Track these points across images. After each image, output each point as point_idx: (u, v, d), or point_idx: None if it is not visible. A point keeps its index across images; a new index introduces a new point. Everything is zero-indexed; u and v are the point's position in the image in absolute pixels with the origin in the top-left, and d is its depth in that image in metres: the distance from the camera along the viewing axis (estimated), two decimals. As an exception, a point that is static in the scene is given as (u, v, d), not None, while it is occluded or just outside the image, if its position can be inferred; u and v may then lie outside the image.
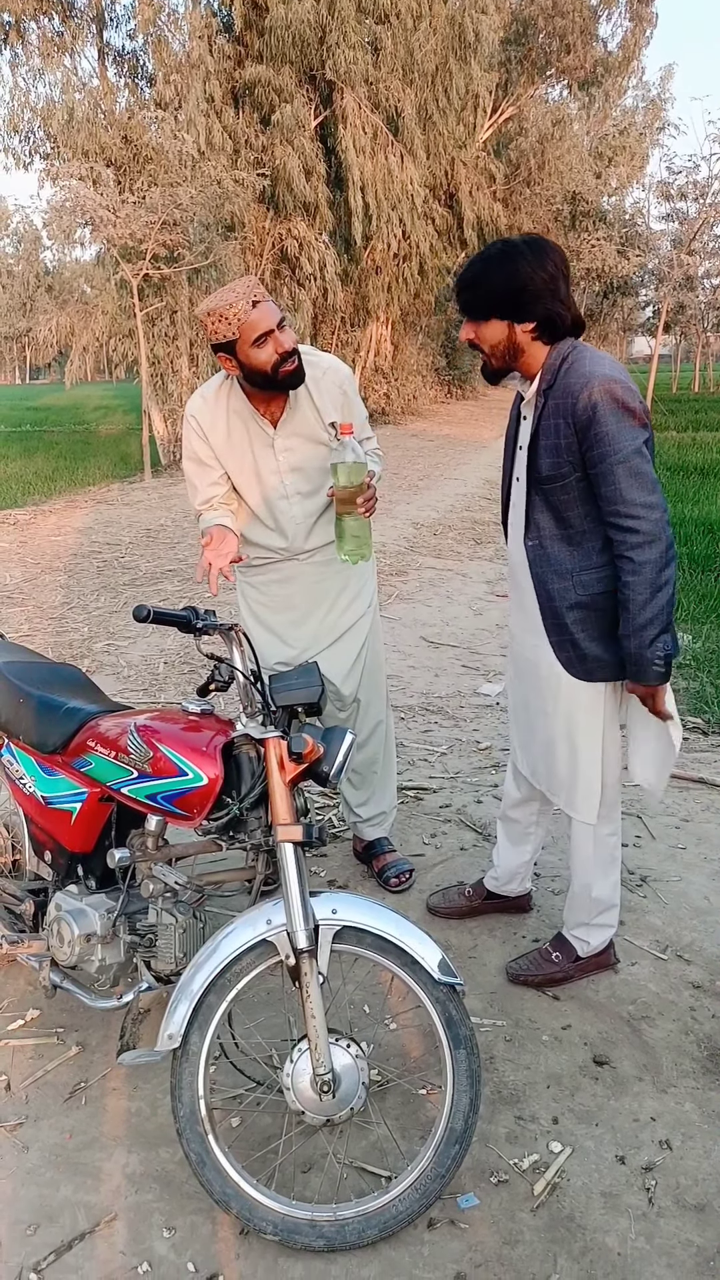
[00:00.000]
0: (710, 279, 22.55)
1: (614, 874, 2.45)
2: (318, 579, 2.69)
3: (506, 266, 2.02)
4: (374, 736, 2.90)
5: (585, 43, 22.06)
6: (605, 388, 1.99)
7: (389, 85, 17.56)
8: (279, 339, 2.32)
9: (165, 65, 16.44)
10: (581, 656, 2.23)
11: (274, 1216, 1.78)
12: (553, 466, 2.10)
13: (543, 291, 2.02)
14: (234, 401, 2.50)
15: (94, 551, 8.59)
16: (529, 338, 2.09)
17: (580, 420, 2.01)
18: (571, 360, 2.07)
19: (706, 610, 6.05)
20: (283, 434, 2.51)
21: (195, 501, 2.59)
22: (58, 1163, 2.00)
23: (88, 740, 2.07)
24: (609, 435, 2.00)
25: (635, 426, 2.01)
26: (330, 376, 2.51)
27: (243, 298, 2.27)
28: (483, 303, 2.08)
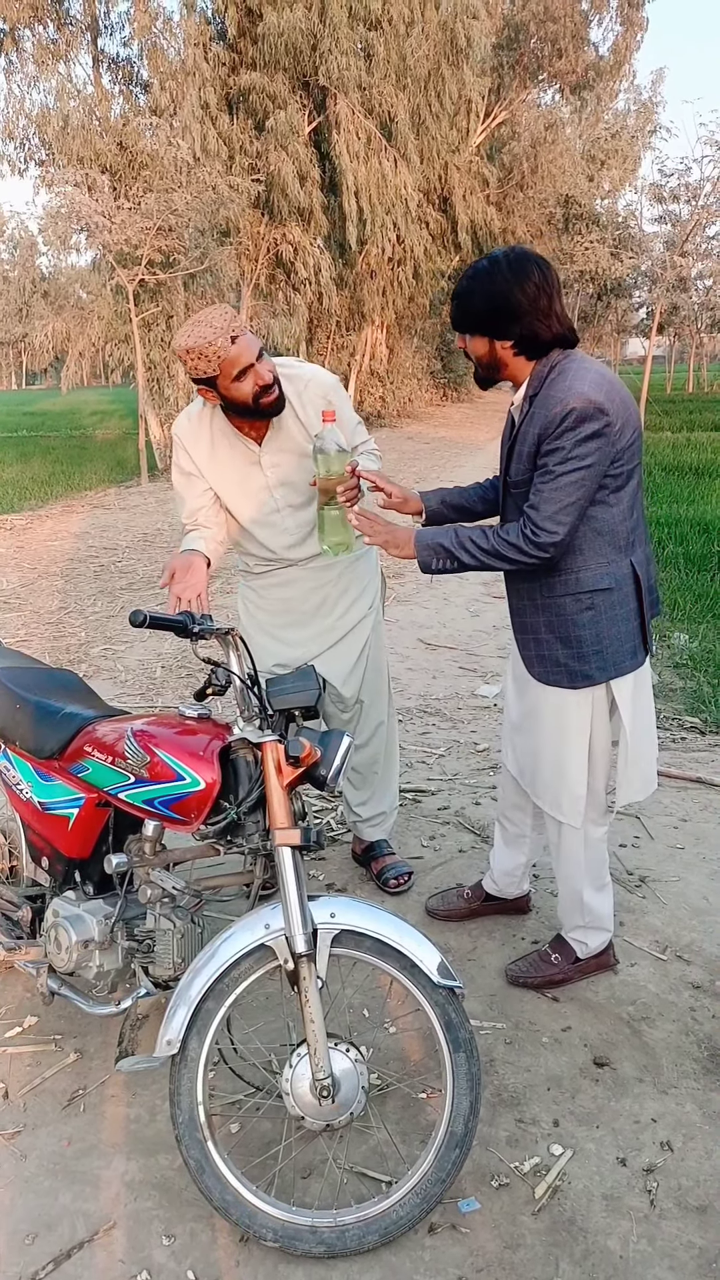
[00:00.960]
0: (703, 280, 22.55)
1: (604, 877, 2.45)
2: (317, 583, 2.69)
3: (487, 285, 2.05)
4: (375, 737, 2.89)
5: (577, 47, 22.14)
6: (580, 408, 1.99)
7: (382, 91, 17.60)
8: (258, 372, 2.31)
9: (160, 72, 16.48)
10: (541, 658, 2.25)
11: (274, 1223, 1.77)
12: (520, 472, 2.15)
13: (522, 310, 2.03)
14: (218, 422, 2.51)
15: (91, 556, 8.58)
16: (510, 353, 2.11)
17: (551, 430, 2.03)
18: (559, 373, 2.07)
19: (703, 610, 6.05)
20: (269, 450, 2.51)
21: (181, 515, 2.59)
22: (56, 1171, 1.99)
23: (84, 745, 2.06)
24: (562, 449, 2.01)
25: (591, 451, 2.00)
26: (313, 388, 2.50)
27: (221, 334, 2.24)
28: (465, 318, 2.12)
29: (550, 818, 2.39)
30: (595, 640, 2.19)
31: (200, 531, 2.50)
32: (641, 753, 2.32)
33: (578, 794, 2.31)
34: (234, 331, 2.26)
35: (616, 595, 2.17)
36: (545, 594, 2.21)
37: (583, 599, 2.17)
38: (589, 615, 2.18)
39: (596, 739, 2.29)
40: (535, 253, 2.08)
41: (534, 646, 2.27)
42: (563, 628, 2.20)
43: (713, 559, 7.32)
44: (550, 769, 2.33)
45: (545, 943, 2.59)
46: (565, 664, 2.22)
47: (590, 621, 2.18)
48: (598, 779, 2.34)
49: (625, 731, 2.27)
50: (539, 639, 2.25)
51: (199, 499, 2.56)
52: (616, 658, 2.20)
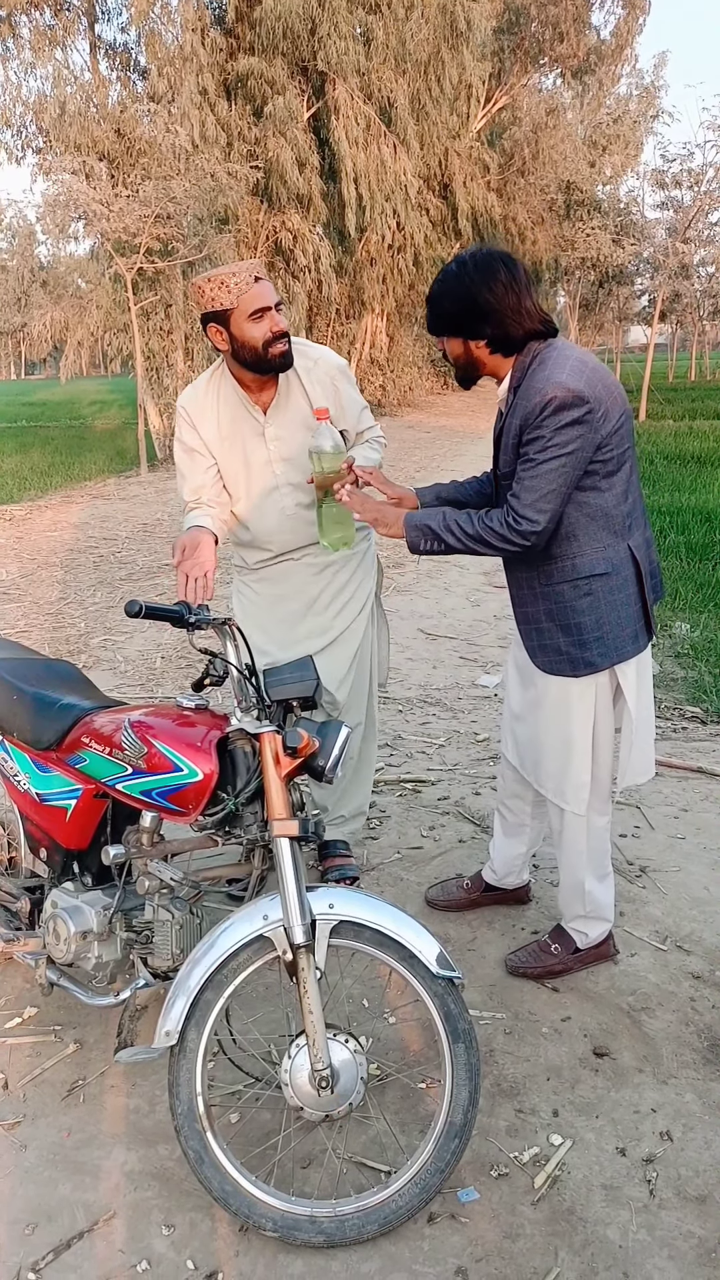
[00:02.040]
0: (706, 267, 22.45)
1: (606, 866, 2.45)
2: (311, 580, 2.67)
3: (455, 287, 2.08)
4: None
5: (578, 31, 21.98)
6: (559, 397, 1.99)
7: (381, 76, 17.48)
8: (275, 317, 2.33)
9: (158, 58, 16.38)
10: (544, 647, 2.26)
11: (273, 1213, 1.77)
12: (507, 463, 2.16)
13: (492, 310, 2.05)
14: (225, 391, 2.49)
15: (90, 546, 8.57)
16: (485, 352, 2.13)
17: (532, 420, 2.04)
18: (540, 361, 2.07)
19: (704, 599, 6.03)
20: (274, 422, 2.49)
21: (184, 493, 2.57)
22: (56, 1161, 1.99)
23: (82, 736, 2.05)
24: (542, 438, 2.02)
25: (572, 438, 2.01)
26: (322, 366, 2.51)
27: (247, 270, 2.29)
28: (438, 321, 2.15)
29: (554, 806, 2.39)
30: (596, 626, 2.18)
31: (204, 510, 2.48)
32: (644, 737, 2.32)
33: (582, 781, 2.31)
34: (258, 273, 2.30)
35: (615, 580, 2.17)
36: (543, 582, 2.21)
37: (580, 585, 2.17)
38: (588, 601, 2.17)
39: (600, 726, 2.29)
40: (501, 251, 2.10)
41: (536, 636, 2.27)
42: (562, 615, 2.20)
43: (714, 548, 7.30)
44: (554, 757, 2.33)
45: (545, 933, 2.59)
46: (567, 652, 2.22)
47: (590, 607, 2.17)
48: (601, 766, 2.33)
49: (630, 716, 2.28)
50: (540, 628, 2.25)
51: (202, 476, 2.54)
52: (618, 643, 2.20)
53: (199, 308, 2.36)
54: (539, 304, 2.10)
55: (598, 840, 2.40)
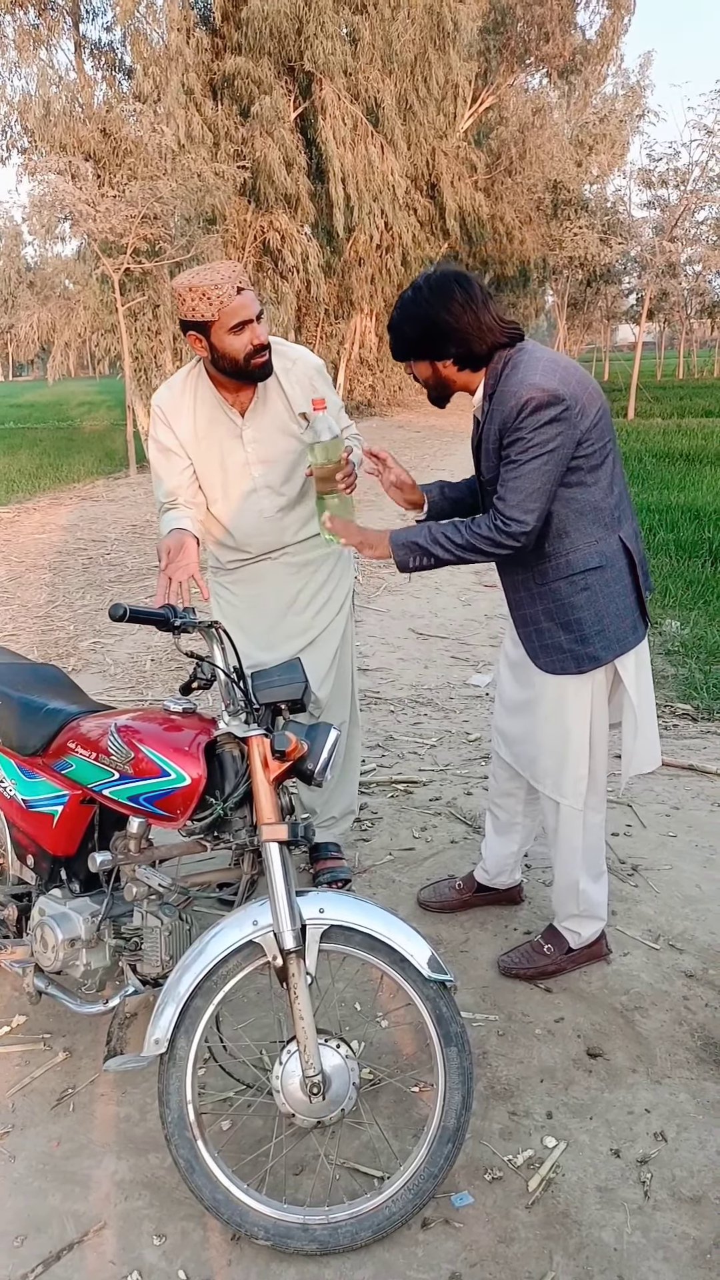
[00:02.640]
0: (692, 265, 22.49)
1: (601, 865, 2.44)
2: (288, 580, 2.65)
3: (413, 312, 2.09)
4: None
5: (564, 31, 22.01)
6: (534, 397, 2.00)
7: (368, 76, 17.47)
8: (256, 330, 2.29)
9: (143, 58, 16.32)
10: (545, 647, 2.25)
11: (265, 1221, 1.76)
12: (490, 469, 2.16)
13: (451, 330, 2.06)
14: (201, 391, 2.46)
15: (79, 549, 8.53)
16: (453, 370, 2.14)
17: (506, 423, 2.05)
18: (512, 366, 2.08)
19: (694, 597, 6.04)
20: (251, 425, 2.47)
21: (159, 494, 2.53)
22: (45, 1171, 1.97)
23: (68, 742, 2.03)
24: (522, 439, 2.03)
25: (551, 436, 2.02)
26: (300, 366, 2.49)
27: (228, 280, 2.23)
28: (402, 347, 2.16)
29: (550, 803, 2.38)
30: (596, 620, 2.19)
31: (182, 510, 2.45)
32: (647, 726, 2.33)
33: (580, 775, 2.31)
34: (240, 283, 2.25)
35: (610, 572, 2.18)
36: (539, 581, 2.21)
37: (576, 580, 2.17)
38: (585, 596, 2.18)
39: (597, 720, 2.30)
40: (455, 270, 2.11)
41: (536, 637, 2.27)
42: (561, 613, 2.21)
43: (704, 546, 7.31)
44: (552, 753, 2.32)
45: (537, 933, 2.58)
46: (569, 649, 2.22)
47: (588, 602, 2.18)
48: (598, 761, 2.34)
49: (632, 705, 2.28)
50: (540, 628, 2.25)
51: (178, 478, 2.50)
52: (619, 634, 2.21)
53: (178, 313, 2.32)
54: (500, 315, 2.11)
55: (593, 837, 2.39)
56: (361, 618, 5.97)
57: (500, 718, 2.55)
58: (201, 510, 2.54)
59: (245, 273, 2.29)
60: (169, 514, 2.44)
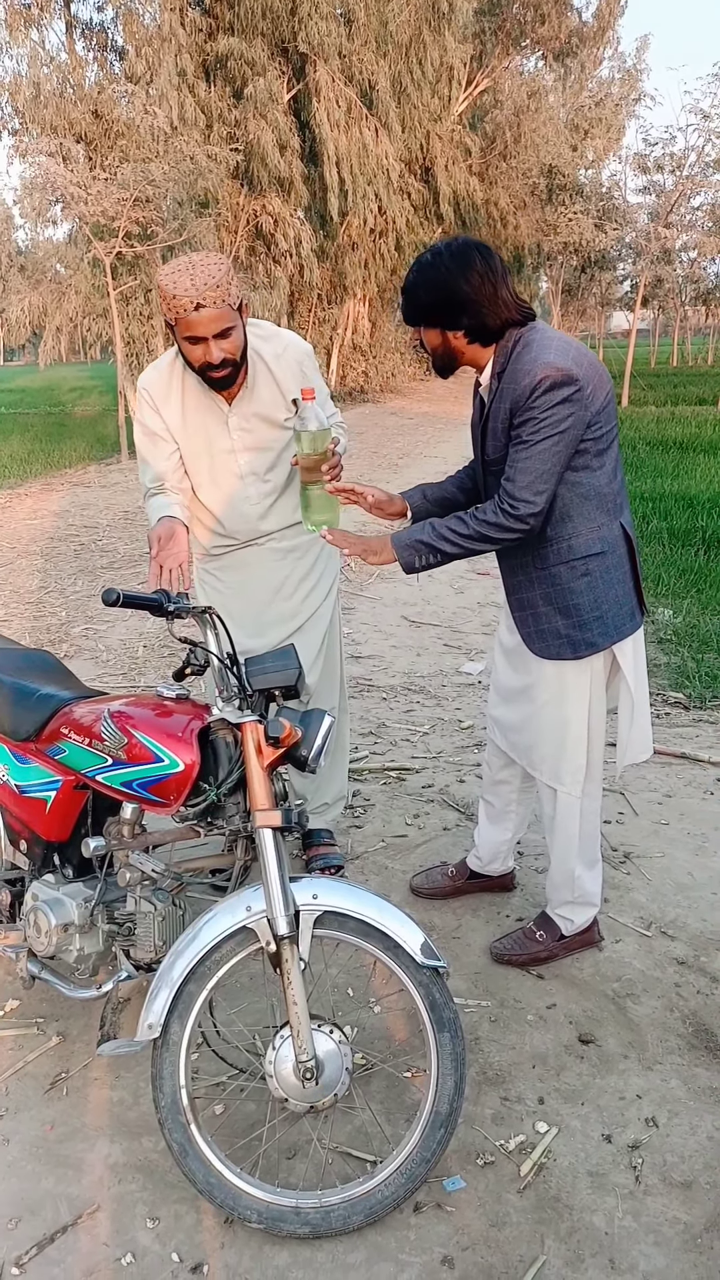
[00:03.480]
0: (688, 252, 22.40)
1: (596, 852, 2.45)
2: (274, 566, 2.63)
3: (431, 277, 2.04)
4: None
5: (560, 13, 21.87)
6: (549, 375, 1.99)
7: (362, 57, 17.35)
8: (209, 349, 2.24)
9: (136, 38, 16.16)
10: (541, 632, 2.25)
11: (258, 1204, 1.76)
12: (496, 449, 2.14)
13: (468, 301, 2.02)
14: (189, 374, 2.43)
15: (71, 534, 8.49)
16: (463, 342, 2.10)
17: (522, 402, 2.02)
18: (524, 344, 2.06)
19: (686, 585, 6.04)
20: (237, 411, 2.44)
21: (145, 478, 2.50)
22: (39, 1155, 1.97)
23: (61, 727, 2.02)
24: (534, 419, 2.01)
25: (564, 417, 2.00)
26: (290, 352, 2.46)
27: (189, 295, 2.14)
28: (415, 312, 2.11)
29: (546, 791, 2.39)
30: (594, 606, 2.18)
31: (169, 496, 2.42)
32: (642, 714, 2.33)
33: (578, 763, 2.31)
34: (202, 299, 2.16)
35: (610, 559, 2.18)
36: (539, 566, 2.20)
37: (577, 566, 2.16)
38: (585, 582, 2.17)
39: (595, 708, 2.30)
40: (477, 240, 2.08)
41: (533, 622, 2.26)
42: (560, 598, 2.20)
43: (696, 534, 7.32)
44: (550, 739, 2.32)
45: (530, 920, 2.58)
46: (567, 635, 2.22)
47: (587, 588, 2.18)
48: (595, 748, 2.34)
49: (630, 693, 2.28)
50: (537, 613, 2.24)
51: (164, 463, 2.48)
52: (617, 621, 2.21)
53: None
54: (515, 292, 2.08)
55: (589, 825, 2.40)
56: (354, 605, 5.96)
57: (495, 706, 2.55)
58: (188, 495, 2.51)
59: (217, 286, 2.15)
60: (156, 499, 2.41)
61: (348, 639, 5.19)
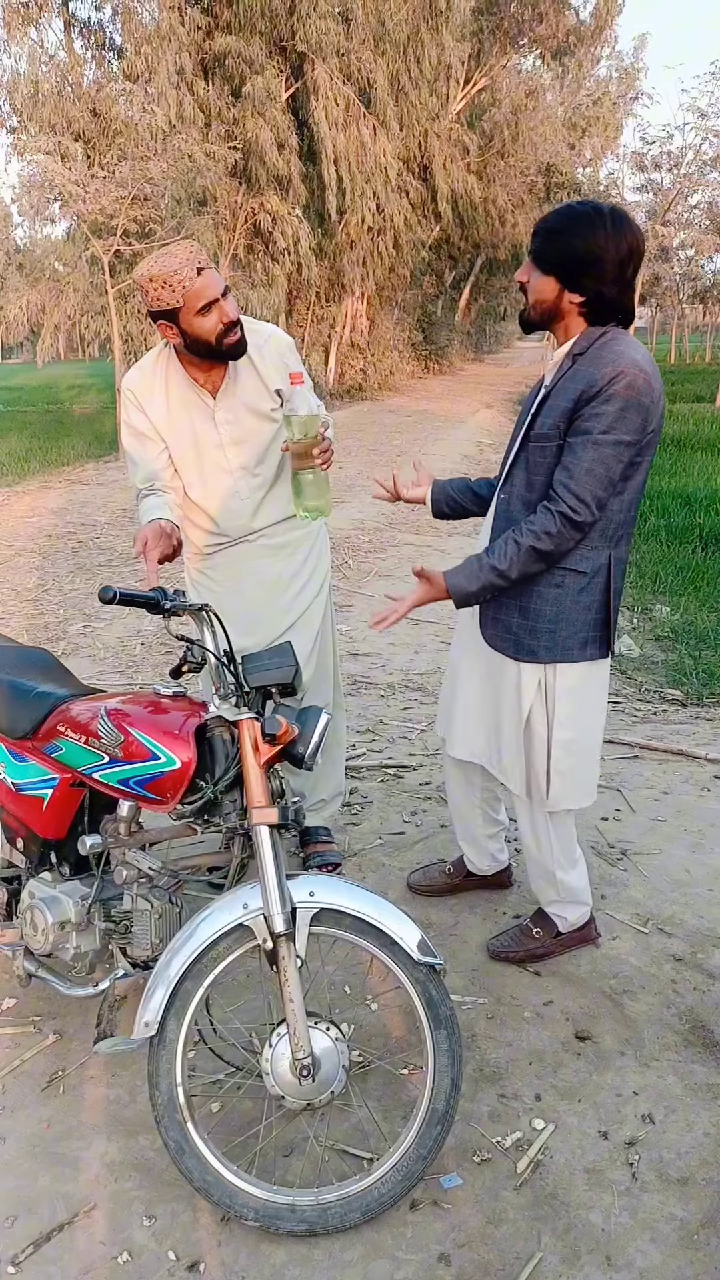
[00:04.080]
0: (685, 250, 22.43)
1: (574, 852, 2.41)
2: (266, 564, 2.63)
3: (586, 230, 1.95)
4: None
5: (557, 11, 21.87)
6: (632, 376, 1.95)
7: (360, 56, 17.31)
8: (224, 308, 2.26)
9: (134, 37, 16.12)
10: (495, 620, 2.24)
11: (255, 1202, 1.76)
12: (548, 425, 2.06)
13: (607, 270, 1.96)
14: (172, 372, 2.43)
15: (69, 532, 8.48)
16: (574, 308, 2.03)
17: (591, 392, 1.96)
18: (613, 337, 2.02)
19: (684, 583, 6.05)
20: (223, 405, 2.45)
21: (136, 479, 2.49)
22: (35, 1153, 1.97)
23: (58, 725, 2.02)
24: (605, 415, 1.95)
25: (635, 425, 1.97)
26: (273, 344, 2.46)
27: (187, 264, 2.19)
28: (548, 255, 2.01)
29: (517, 799, 2.36)
30: (553, 618, 2.15)
31: (161, 497, 2.42)
32: (578, 759, 2.26)
33: (538, 770, 2.27)
34: (199, 263, 2.20)
35: (586, 582, 2.13)
36: None
37: (555, 574, 2.12)
38: (555, 592, 2.13)
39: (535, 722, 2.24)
40: (634, 221, 2.01)
41: (491, 608, 2.24)
42: (524, 596, 2.16)
43: (694, 531, 7.32)
44: (511, 747, 2.29)
45: (526, 917, 2.58)
46: (516, 634, 2.19)
47: (555, 599, 2.14)
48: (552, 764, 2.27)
49: (556, 726, 2.21)
50: (499, 602, 2.21)
51: (154, 462, 2.48)
52: (566, 643, 2.16)
53: (145, 304, 2.28)
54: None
55: (561, 829, 2.35)
56: (352, 603, 5.96)
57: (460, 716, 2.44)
58: (179, 494, 2.51)
59: (202, 251, 2.25)
60: (148, 500, 2.41)
61: (346, 636, 5.18)
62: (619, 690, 4.37)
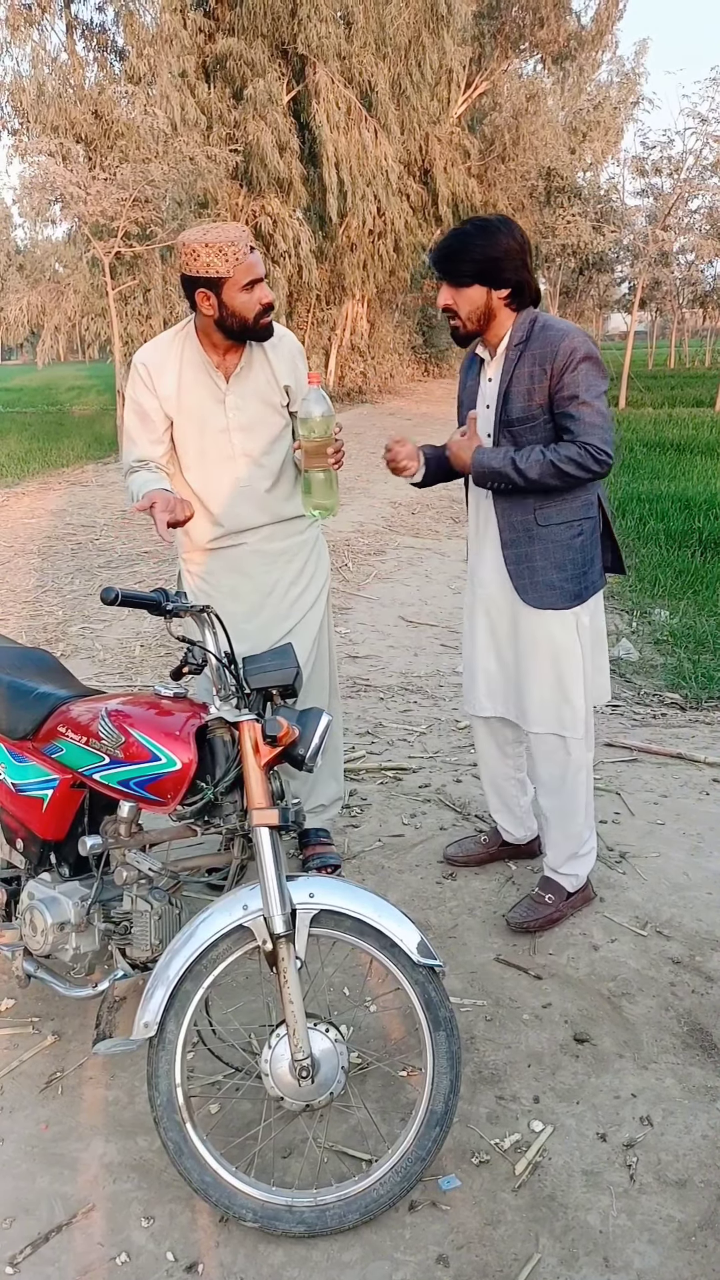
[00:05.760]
0: (685, 254, 22.42)
1: (590, 797, 2.59)
2: (265, 569, 2.63)
3: (484, 238, 2.24)
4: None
5: (558, 16, 21.84)
6: (584, 342, 2.25)
7: (362, 59, 17.32)
8: (265, 290, 2.34)
9: (137, 39, 16.15)
10: (535, 584, 2.42)
11: (253, 1203, 1.76)
12: (525, 410, 2.31)
13: (517, 260, 2.26)
14: (188, 350, 2.45)
15: (68, 534, 8.49)
16: (502, 303, 2.30)
17: (559, 365, 2.24)
18: (543, 321, 2.31)
19: (683, 586, 6.05)
20: (234, 390, 2.46)
21: (129, 458, 2.49)
22: (34, 1154, 1.97)
23: (58, 726, 2.02)
24: (583, 379, 2.24)
25: (602, 373, 2.28)
26: (286, 343, 2.54)
27: (242, 239, 2.26)
28: (464, 271, 2.26)
29: (551, 744, 2.50)
30: (584, 562, 2.42)
31: (155, 473, 2.41)
32: (602, 659, 2.59)
33: (577, 704, 2.47)
34: (251, 243, 2.30)
35: (595, 521, 2.44)
36: (541, 523, 2.39)
37: (574, 525, 2.39)
38: (579, 541, 2.41)
39: (586, 653, 2.47)
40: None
41: (528, 574, 2.42)
42: (557, 553, 2.40)
43: (693, 535, 7.33)
44: (550, 687, 2.46)
45: (534, 885, 2.69)
46: (560, 586, 2.41)
47: (581, 545, 2.41)
48: (589, 692, 2.51)
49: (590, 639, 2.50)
50: (533, 566, 2.42)
51: (152, 448, 2.48)
52: (594, 576, 2.47)
53: (187, 269, 2.29)
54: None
55: (588, 771, 2.57)
56: (351, 605, 5.96)
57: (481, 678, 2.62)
58: (174, 480, 2.51)
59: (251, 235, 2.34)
60: (140, 475, 2.40)
61: (345, 639, 5.19)
62: (618, 694, 4.38)
